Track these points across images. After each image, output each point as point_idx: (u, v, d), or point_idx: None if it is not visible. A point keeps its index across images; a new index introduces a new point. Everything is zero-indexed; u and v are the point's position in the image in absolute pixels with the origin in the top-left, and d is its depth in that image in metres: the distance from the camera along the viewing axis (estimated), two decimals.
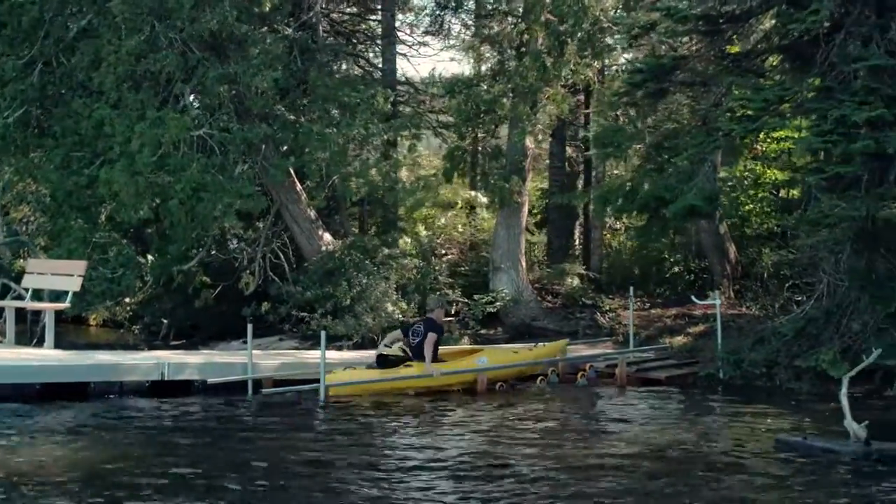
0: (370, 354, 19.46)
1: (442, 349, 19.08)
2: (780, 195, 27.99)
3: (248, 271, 24.61)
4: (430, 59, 40.47)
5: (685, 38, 21.68)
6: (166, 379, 17.73)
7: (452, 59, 35.01)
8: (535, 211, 31.30)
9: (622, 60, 27.24)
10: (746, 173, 27.52)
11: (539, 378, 19.40)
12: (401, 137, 25.75)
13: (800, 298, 23.63)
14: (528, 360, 19.82)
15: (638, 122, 21.78)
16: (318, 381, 17.26)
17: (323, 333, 17.30)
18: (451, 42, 31.47)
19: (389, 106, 24.71)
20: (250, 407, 16.99)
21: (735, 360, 19.12)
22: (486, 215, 29.34)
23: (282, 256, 24.82)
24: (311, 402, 17.08)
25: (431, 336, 18.43)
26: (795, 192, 26.05)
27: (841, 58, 18.15)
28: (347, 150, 23.90)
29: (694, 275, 28.35)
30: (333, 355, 19.45)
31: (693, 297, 22.94)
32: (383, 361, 18.53)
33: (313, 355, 19.28)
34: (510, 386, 18.96)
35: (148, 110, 21.39)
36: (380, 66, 29.56)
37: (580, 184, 31.94)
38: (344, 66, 29.39)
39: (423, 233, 27.96)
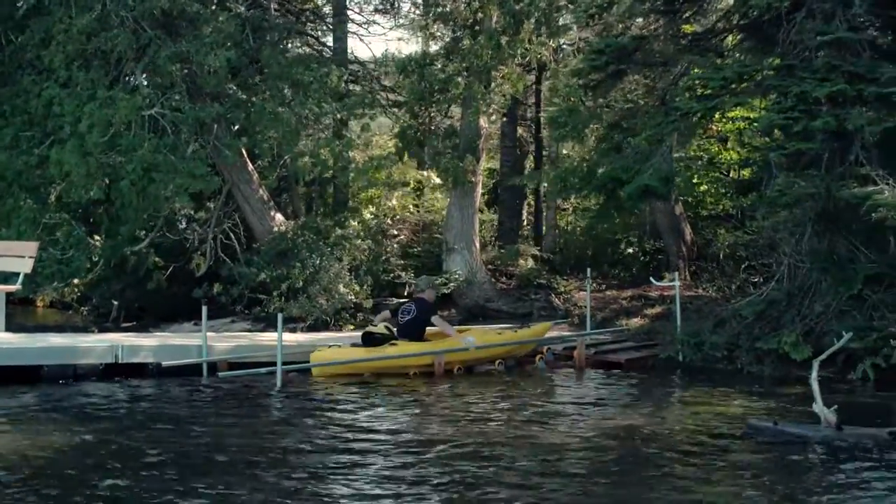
0: (326, 337, 19.16)
1: (428, 330, 18.96)
2: (731, 176, 27.87)
3: (199, 252, 24.27)
4: (379, 37, 39.54)
5: (641, 19, 21.45)
6: (121, 362, 17.41)
7: (401, 39, 34.24)
8: (482, 191, 30.93)
9: (577, 39, 26.81)
10: (701, 153, 27.34)
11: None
12: (354, 117, 25.32)
13: (756, 280, 23.58)
14: (515, 340, 19.64)
15: (593, 103, 21.41)
16: (274, 363, 16.90)
17: (279, 316, 16.92)
18: (402, 21, 31.07)
19: (343, 85, 24.29)
20: (205, 391, 16.59)
21: (696, 343, 18.92)
22: (439, 195, 29.00)
23: (233, 237, 24.49)
24: (266, 386, 16.68)
25: (435, 318, 18.76)
26: (745, 173, 25.90)
27: (804, 32, 17.96)
28: (300, 129, 23.44)
29: (649, 256, 28.23)
30: (288, 337, 19.17)
31: (651, 279, 22.72)
32: (369, 339, 18.29)
33: (267, 337, 19.22)
34: (467, 369, 18.59)
35: (98, 90, 21.05)
36: (329, 45, 29.15)
37: (527, 164, 31.68)
38: (295, 45, 28.82)
39: (373, 214, 27.52)
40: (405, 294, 24.26)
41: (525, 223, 32.35)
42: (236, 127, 23.57)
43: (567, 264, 27.95)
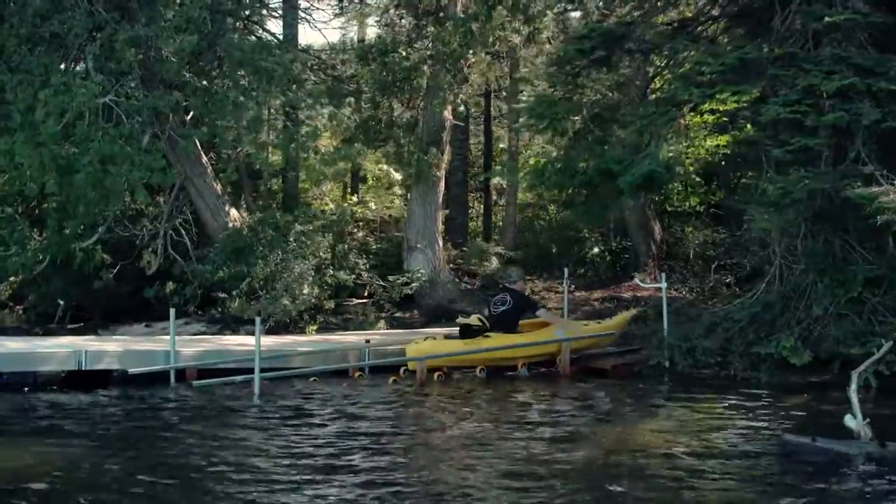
0: (294, 340, 18.34)
1: (521, 322, 18.55)
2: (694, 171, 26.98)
3: (149, 249, 22.90)
4: (332, 27, 38.07)
5: (625, 4, 20.50)
6: (84, 369, 16.41)
7: (341, 28, 32.92)
8: None
9: (551, 27, 25.64)
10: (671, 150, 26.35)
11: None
12: (320, 105, 23.95)
13: (728, 280, 22.78)
14: (599, 332, 19.19)
15: (574, 93, 20.30)
16: (247, 370, 16.02)
17: (258, 320, 15.94)
18: (353, 5, 29.62)
19: (307, 73, 23.04)
20: (176, 401, 15.47)
21: (687, 349, 17.82)
22: (398, 191, 27.83)
23: (184, 233, 23.19)
24: (243, 395, 15.70)
25: (541, 311, 18.76)
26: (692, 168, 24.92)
27: (802, 18, 17.06)
28: (262, 118, 22.11)
29: (615, 255, 27.16)
30: (251, 340, 17.88)
31: (637, 280, 21.75)
32: (466, 331, 18.02)
33: (232, 341, 18.46)
34: (447, 375, 17.61)
35: (53, 76, 19.79)
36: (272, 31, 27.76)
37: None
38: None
39: (332, 210, 26.24)
40: (365, 295, 23.25)
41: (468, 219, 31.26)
42: (189, 116, 22.21)
43: (530, 264, 26.80)
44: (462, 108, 25.00)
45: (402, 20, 25.00)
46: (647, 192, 21.83)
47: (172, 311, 16.70)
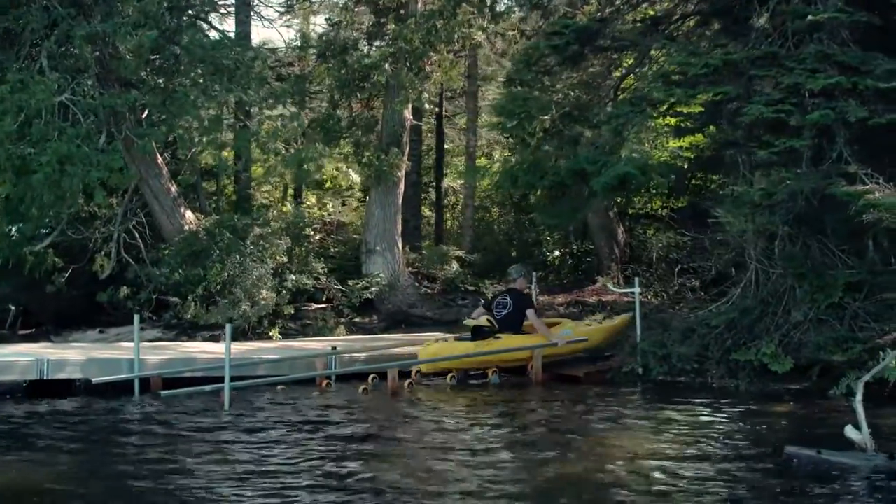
0: (258, 346, 18.10)
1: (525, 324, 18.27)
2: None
3: (102, 253, 22.05)
4: (271, 23, 37.27)
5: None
6: (46, 378, 15.71)
7: (285, 25, 32.11)
8: None
9: (517, 25, 25.03)
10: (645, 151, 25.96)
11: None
12: (281, 106, 23.17)
13: (693, 284, 22.38)
14: (604, 332, 18.97)
15: (543, 90, 19.74)
16: (213, 379, 15.42)
17: (228, 328, 15.21)
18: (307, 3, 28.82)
19: (268, 71, 22.30)
20: (144, 412, 14.81)
21: (662, 355, 17.27)
22: (357, 193, 27.18)
23: (137, 236, 22.36)
24: (211, 405, 15.00)
25: (530, 312, 18.04)
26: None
27: (789, 15, 16.71)
28: (221, 117, 21.38)
29: (577, 258, 26.62)
30: (218, 348, 17.40)
31: (610, 286, 21.28)
32: (478, 332, 17.77)
33: (195, 347, 18.07)
34: (417, 381, 17.15)
35: (9, 73, 19.16)
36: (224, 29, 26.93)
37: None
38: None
39: (289, 212, 25.50)
40: (324, 300, 22.72)
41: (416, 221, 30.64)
42: (145, 115, 21.40)
43: (488, 267, 26.19)
44: (426, 106, 24.36)
45: (361, 18, 24.21)
46: (620, 194, 21.34)
47: (137, 318, 16.15)
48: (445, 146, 32.44)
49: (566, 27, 18.37)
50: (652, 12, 19.94)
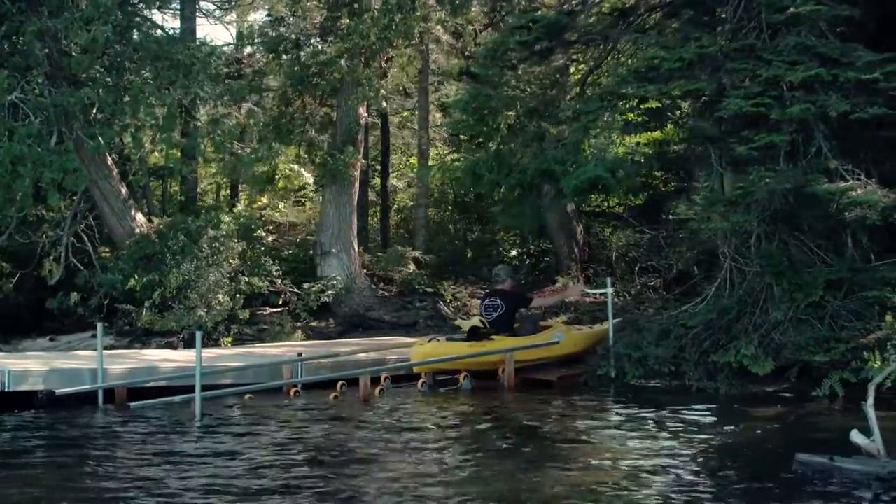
0: (217, 353, 17.56)
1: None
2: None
3: (51, 257, 21.24)
4: (214, 18, 36.33)
5: None
6: (8, 390, 14.91)
7: (231, 22, 31.22)
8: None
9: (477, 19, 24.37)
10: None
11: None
12: (235, 104, 22.39)
13: (653, 283, 21.99)
14: (597, 336, 18.68)
15: (507, 86, 19.19)
16: (182, 389, 14.84)
17: (198, 335, 14.38)
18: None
19: (224, 68, 21.58)
20: (108, 425, 14.23)
21: (639, 357, 16.75)
22: (309, 193, 26.47)
23: (86, 240, 21.54)
24: (180, 416, 14.37)
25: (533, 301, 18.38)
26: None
27: (767, 7, 16.23)
28: (176, 116, 20.59)
29: (535, 258, 26.11)
30: (179, 356, 17.34)
31: (584, 288, 20.72)
32: (474, 333, 17.28)
33: (156, 356, 17.52)
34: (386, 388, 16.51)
35: None
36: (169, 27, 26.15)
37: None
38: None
39: (242, 213, 24.76)
40: (280, 303, 22.17)
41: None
42: (93, 113, 20.51)
43: (442, 267, 25.58)
44: (384, 103, 23.70)
45: (313, 13, 23.40)
46: (589, 195, 20.91)
47: (100, 327, 15.53)
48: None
49: (534, 21, 17.84)
50: (620, 4, 19.43)
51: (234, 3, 29.03)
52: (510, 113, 18.69)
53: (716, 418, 14.21)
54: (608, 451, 12.26)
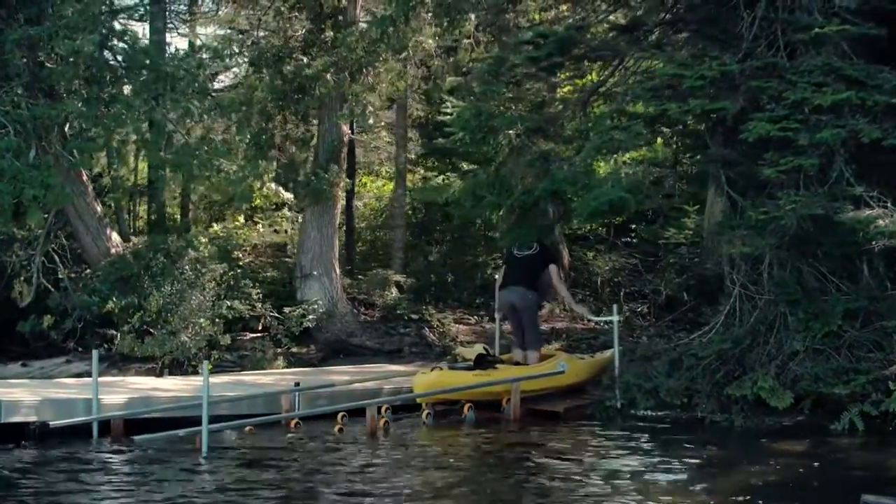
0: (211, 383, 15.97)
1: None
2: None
3: (21, 278, 20.29)
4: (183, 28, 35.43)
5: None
6: (1, 421, 14.08)
7: (201, 35, 30.28)
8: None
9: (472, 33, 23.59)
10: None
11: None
12: (225, 118, 21.55)
13: (640, 310, 21.44)
14: (600, 365, 17.92)
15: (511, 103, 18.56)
16: (185, 421, 14.05)
17: (205, 364, 13.61)
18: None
19: (208, 82, 20.80)
20: (111, 460, 13.37)
21: (650, 388, 16.07)
22: (287, 213, 25.59)
23: (57, 260, 20.63)
24: (183, 451, 13.51)
25: (553, 268, 17.60)
26: None
27: (788, 24, 15.70)
28: (163, 130, 19.71)
29: None
30: (171, 384, 16.56)
31: (592, 317, 20.14)
32: (480, 361, 16.74)
33: (146, 384, 16.83)
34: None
35: None
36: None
37: None
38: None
39: (220, 233, 23.87)
40: (260, 329, 21.44)
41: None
42: (67, 127, 19.73)
43: (422, 291, 24.78)
44: (371, 120, 22.94)
45: (294, 25, 22.58)
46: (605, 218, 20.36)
47: (95, 353, 14.47)
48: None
49: (542, 36, 17.17)
50: (624, 19, 18.91)
51: (205, 13, 28.33)
52: (511, 132, 18.05)
53: (743, 452, 13.71)
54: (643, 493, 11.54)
